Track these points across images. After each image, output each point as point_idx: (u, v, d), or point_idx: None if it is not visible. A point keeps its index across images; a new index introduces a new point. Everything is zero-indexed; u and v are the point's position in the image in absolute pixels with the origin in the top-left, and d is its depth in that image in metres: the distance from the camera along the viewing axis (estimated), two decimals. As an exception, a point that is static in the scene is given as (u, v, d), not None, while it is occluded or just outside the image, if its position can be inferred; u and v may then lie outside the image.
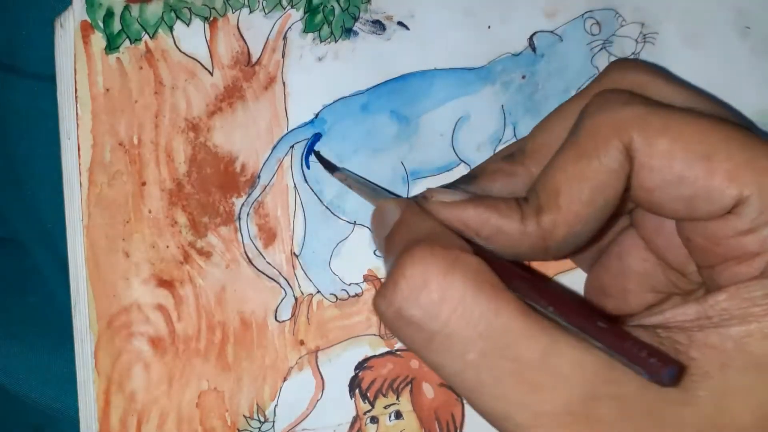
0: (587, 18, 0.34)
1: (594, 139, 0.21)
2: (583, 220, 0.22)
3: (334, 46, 0.33)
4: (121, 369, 0.31)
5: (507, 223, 0.22)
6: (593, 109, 0.22)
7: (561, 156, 0.22)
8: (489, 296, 0.20)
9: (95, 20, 0.31)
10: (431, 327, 0.20)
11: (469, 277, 0.20)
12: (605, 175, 0.21)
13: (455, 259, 0.21)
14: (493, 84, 0.33)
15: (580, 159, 0.22)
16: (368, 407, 0.32)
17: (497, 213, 0.23)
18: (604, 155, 0.21)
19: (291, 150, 0.32)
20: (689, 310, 0.21)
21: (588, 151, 0.21)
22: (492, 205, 0.23)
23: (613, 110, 0.21)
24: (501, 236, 0.23)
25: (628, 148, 0.21)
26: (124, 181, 0.31)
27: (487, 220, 0.23)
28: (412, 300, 0.20)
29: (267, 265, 0.32)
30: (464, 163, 0.33)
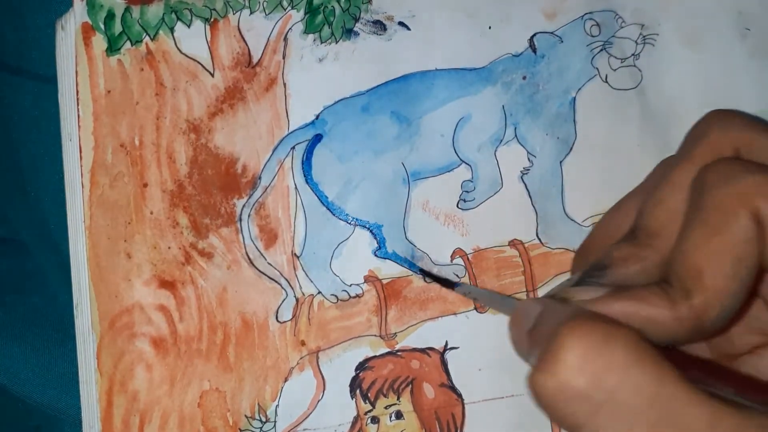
0: (587, 19, 0.34)
1: (722, 213, 0.22)
2: (731, 294, 0.22)
3: (335, 47, 0.33)
4: (123, 369, 0.31)
5: (658, 312, 0.22)
6: (713, 182, 0.22)
7: (692, 234, 0.22)
8: (652, 364, 0.20)
9: (96, 22, 0.31)
10: (597, 397, 0.20)
11: (630, 346, 0.20)
12: (742, 246, 0.21)
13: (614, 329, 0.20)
14: (494, 85, 0.33)
15: (713, 235, 0.22)
16: (369, 407, 0.32)
17: (645, 303, 0.22)
18: (737, 228, 0.21)
19: (292, 151, 0.32)
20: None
21: (719, 226, 0.22)
22: (638, 297, 0.23)
23: (734, 181, 0.22)
24: (654, 326, 0.22)
25: (756, 216, 0.21)
26: (126, 183, 0.31)
27: (637, 312, 0.22)
28: (577, 369, 0.20)
29: (268, 266, 0.32)
30: (465, 163, 0.33)
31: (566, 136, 0.33)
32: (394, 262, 0.33)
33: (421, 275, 0.32)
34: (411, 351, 0.32)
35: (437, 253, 0.33)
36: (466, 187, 0.33)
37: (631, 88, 0.34)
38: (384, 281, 0.32)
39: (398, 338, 0.32)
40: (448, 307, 0.33)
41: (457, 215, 0.33)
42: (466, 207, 0.33)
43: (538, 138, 0.33)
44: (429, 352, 0.33)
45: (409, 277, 0.33)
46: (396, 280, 0.33)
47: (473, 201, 0.33)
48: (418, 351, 0.33)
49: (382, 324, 0.32)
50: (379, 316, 0.32)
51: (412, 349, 0.33)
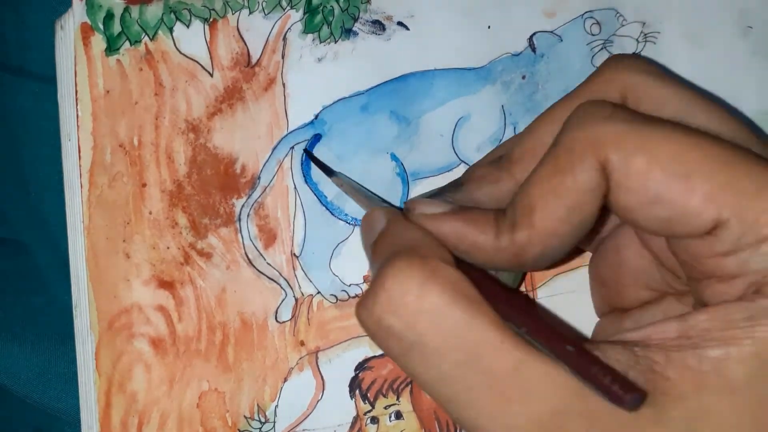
0: (587, 18, 0.34)
1: (570, 155, 0.21)
2: (558, 237, 0.22)
3: (334, 47, 0.33)
4: (122, 370, 0.31)
5: (483, 238, 0.22)
6: (573, 123, 0.22)
7: (538, 171, 0.22)
8: (464, 308, 0.21)
9: (95, 22, 0.31)
10: (408, 338, 0.21)
11: (446, 289, 0.21)
12: (581, 194, 0.21)
13: (433, 271, 0.21)
14: (493, 84, 0.33)
15: (555, 175, 0.21)
16: (368, 408, 0.32)
17: (473, 228, 0.23)
18: (580, 174, 0.21)
19: (291, 151, 0.32)
20: (670, 327, 0.21)
21: (563, 168, 0.21)
22: (469, 219, 0.23)
23: (591, 126, 0.21)
24: (477, 251, 0.23)
25: (604, 166, 0.21)
26: (125, 183, 0.31)
27: (465, 234, 0.23)
28: (391, 311, 0.21)
29: (267, 266, 0.32)
30: (464, 163, 0.33)
31: (566, 135, 0.33)
32: (394, 262, 0.32)
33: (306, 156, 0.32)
34: (410, 351, 0.32)
35: (437, 253, 0.33)
36: (466, 187, 0.33)
37: (632, 87, 0.34)
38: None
39: (398, 338, 0.32)
40: (448, 308, 0.33)
41: (457, 215, 0.33)
42: (466, 207, 0.33)
43: (538, 137, 0.33)
44: (428, 352, 0.32)
45: (408, 277, 0.33)
46: (395, 280, 0.32)
47: None
48: (418, 351, 0.32)
49: (380, 325, 0.32)
50: (378, 317, 0.32)
51: (412, 349, 0.32)
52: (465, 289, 0.21)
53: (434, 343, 0.20)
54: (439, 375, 0.21)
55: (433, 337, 0.20)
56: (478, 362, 0.20)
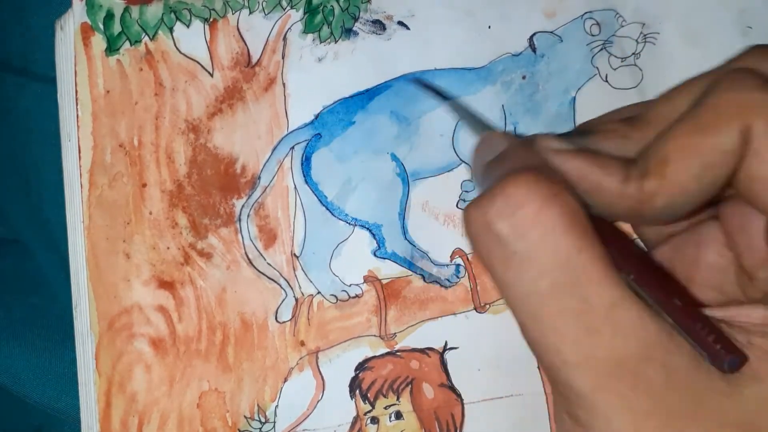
0: (587, 18, 0.34)
1: (715, 116, 0.21)
2: (686, 193, 0.21)
3: (334, 47, 0.33)
4: (122, 370, 0.31)
5: (609, 180, 0.22)
6: (722, 85, 0.22)
7: (678, 126, 0.22)
8: (577, 236, 0.21)
9: (95, 22, 0.31)
10: (515, 246, 0.21)
11: (566, 212, 0.21)
12: (719, 154, 0.21)
13: (557, 193, 0.21)
14: (494, 84, 0.33)
15: (696, 133, 0.21)
16: (368, 408, 0.32)
17: (601, 168, 0.22)
18: (722, 134, 0.21)
19: (291, 151, 0.32)
20: (756, 312, 0.21)
21: (706, 127, 0.21)
22: (598, 160, 0.23)
23: (741, 90, 0.21)
24: (600, 192, 0.22)
25: (746, 131, 0.21)
26: (125, 183, 0.31)
27: (590, 173, 0.22)
28: (506, 215, 0.21)
29: (267, 266, 0.32)
30: (465, 163, 0.33)
31: (566, 135, 0.33)
32: (394, 262, 0.33)
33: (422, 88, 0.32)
34: (410, 351, 0.32)
35: (437, 252, 0.33)
36: (466, 187, 0.33)
37: (632, 88, 0.34)
38: (383, 281, 0.32)
39: (398, 338, 0.32)
40: (448, 307, 0.33)
41: (457, 215, 0.33)
42: (466, 207, 0.33)
43: (538, 137, 0.33)
44: (428, 352, 0.33)
45: (408, 277, 0.33)
46: (395, 281, 0.32)
47: None
48: (418, 351, 0.32)
49: (382, 324, 0.32)
50: (378, 317, 0.32)
51: (412, 349, 0.32)
52: (582, 218, 0.21)
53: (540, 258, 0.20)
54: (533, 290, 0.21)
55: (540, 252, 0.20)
56: (577, 288, 0.20)
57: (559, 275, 0.20)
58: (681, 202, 0.22)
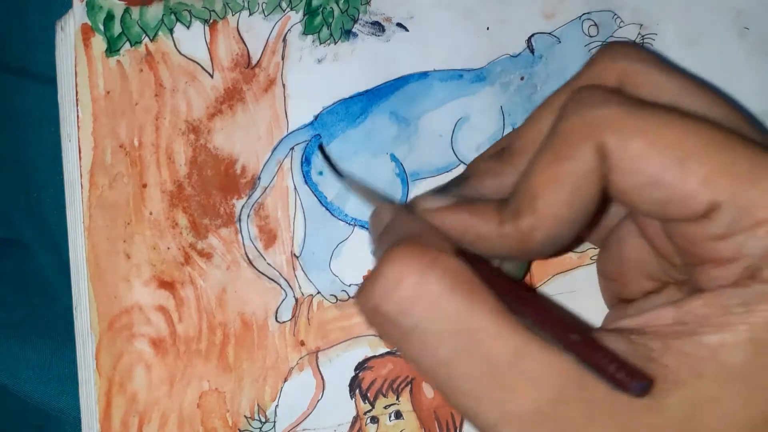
0: (585, 19, 0.34)
1: (568, 142, 0.21)
2: (562, 222, 0.22)
3: (334, 48, 0.33)
4: (122, 370, 0.31)
5: (486, 226, 0.23)
6: (569, 109, 0.22)
7: (537, 159, 0.22)
8: (464, 295, 0.21)
9: (96, 23, 0.31)
10: (405, 323, 0.21)
11: (446, 276, 0.21)
12: (580, 177, 0.21)
13: (433, 259, 0.21)
14: (492, 85, 0.33)
15: (554, 162, 0.21)
16: (368, 407, 0.32)
17: (477, 218, 0.23)
18: (579, 158, 0.21)
19: (291, 152, 0.32)
20: (666, 314, 0.21)
21: (562, 154, 0.21)
22: (472, 210, 0.23)
23: (587, 111, 0.21)
24: (481, 240, 0.23)
25: (601, 150, 0.21)
26: (125, 183, 0.31)
27: (468, 224, 0.23)
28: (387, 296, 0.21)
29: (267, 266, 0.32)
30: (463, 164, 0.33)
31: (565, 136, 0.34)
32: (393, 262, 0.33)
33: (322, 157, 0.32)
34: (410, 351, 0.33)
35: (436, 253, 0.33)
36: (465, 188, 0.33)
37: (630, 88, 0.34)
38: (379, 281, 0.32)
39: (397, 338, 0.32)
40: (447, 307, 0.33)
41: (456, 215, 0.33)
42: (465, 207, 0.33)
43: (537, 138, 0.33)
44: (428, 352, 0.33)
45: (408, 278, 0.33)
46: (395, 281, 0.33)
47: None
48: (418, 351, 0.33)
49: (378, 323, 0.32)
50: (378, 317, 0.32)
51: (412, 349, 0.33)
52: (465, 276, 0.21)
53: (432, 329, 0.20)
54: (436, 361, 0.21)
55: (431, 323, 0.20)
56: (477, 348, 0.20)
57: (456, 341, 0.20)
58: (560, 230, 0.22)
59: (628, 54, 0.24)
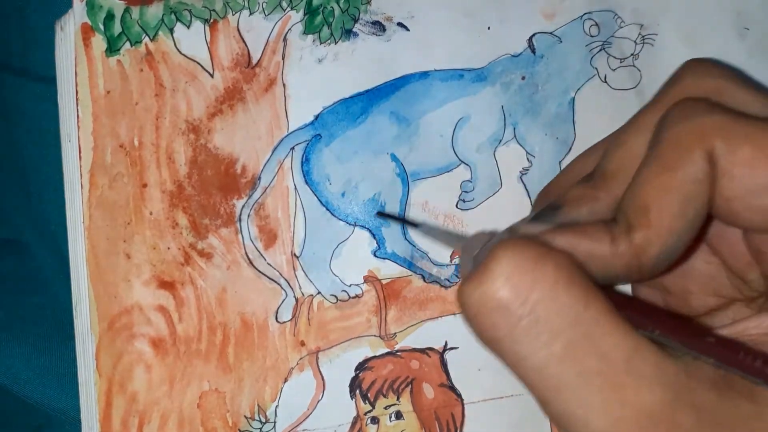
0: (586, 19, 0.34)
1: (677, 150, 0.21)
2: (676, 233, 0.21)
3: (334, 48, 0.33)
4: (122, 370, 0.31)
5: (598, 246, 0.22)
6: (673, 119, 0.22)
7: (645, 171, 0.22)
8: (581, 289, 0.20)
9: (96, 23, 0.31)
10: (519, 311, 0.20)
11: (561, 267, 0.20)
12: (692, 185, 0.21)
13: (548, 252, 0.20)
14: (493, 85, 0.33)
15: (664, 171, 0.21)
16: (369, 408, 0.32)
17: (587, 238, 0.22)
18: (689, 165, 0.21)
19: (291, 151, 0.32)
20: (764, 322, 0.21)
21: (672, 163, 0.21)
22: (580, 231, 0.22)
23: (694, 119, 0.21)
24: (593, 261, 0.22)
25: (711, 156, 0.21)
26: (125, 183, 0.31)
27: (577, 246, 0.22)
28: (502, 281, 0.20)
29: (267, 266, 0.32)
30: (464, 164, 0.33)
31: (565, 136, 0.34)
32: (394, 262, 0.33)
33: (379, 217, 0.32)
34: (410, 351, 0.32)
35: (437, 253, 0.33)
36: (466, 188, 0.33)
37: (631, 88, 0.34)
38: (383, 281, 0.32)
39: (398, 338, 0.32)
40: (448, 307, 0.33)
41: (457, 215, 0.33)
42: (466, 207, 0.33)
43: (537, 138, 0.33)
44: (428, 352, 0.33)
45: (408, 278, 0.33)
46: (395, 281, 0.33)
47: (472, 201, 0.33)
48: (418, 351, 0.33)
49: (382, 324, 0.32)
50: (378, 317, 0.32)
51: (412, 349, 0.33)
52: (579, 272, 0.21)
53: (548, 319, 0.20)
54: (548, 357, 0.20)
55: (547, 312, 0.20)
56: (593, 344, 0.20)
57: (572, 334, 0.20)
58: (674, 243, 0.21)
59: (713, 72, 0.24)
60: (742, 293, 0.26)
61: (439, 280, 0.33)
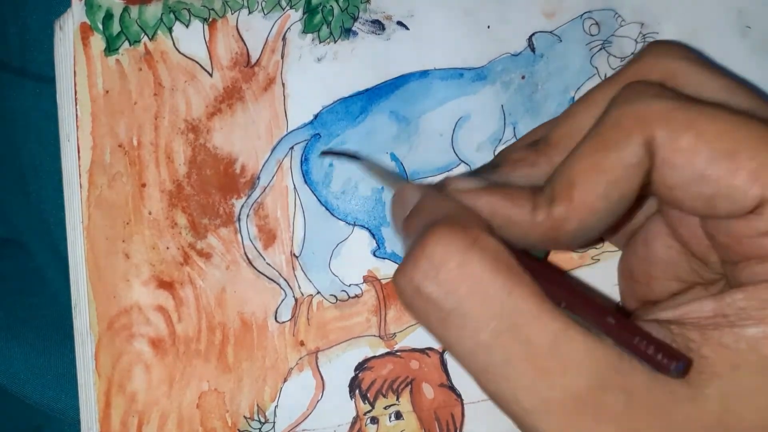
0: (586, 18, 0.34)
1: (616, 132, 0.21)
2: (597, 213, 0.21)
3: (334, 47, 0.33)
4: (121, 370, 0.31)
5: (518, 211, 0.22)
6: (620, 100, 0.22)
7: (581, 146, 0.22)
8: (505, 277, 0.20)
9: (94, 22, 0.31)
10: (447, 304, 0.20)
11: (487, 257, 0.21)
12: (623, 169, 0.21)
13: (475, 239, 0.21)
14: (493, 84, 0.33)
15: (598, 151, 0.21)
16: (368, 408, 0.32)
17: (510, 202, 0.22)
18: (624, 149, 0.21)
19: (291, 151, 0.32)
20: (706, 306, 0.21)
21: (608, 144, 0.21)
22: (506, 194, 0.23)
23: (639, 103, 0.21)
24: (512, 225, 0.22)
25: (650, 143, 0.21)
26: (124, 183, 0.31)
27: (500, 208, 0.22)
28: (431, 277, 0.21)
29: (267, 266, 0.32)
30: (464, 163, 0.33)
31: (566, 135, 0.33)
32: (394, 262, 0.33)
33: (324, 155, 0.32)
34: (410, 351, 0.32)
35: (436, 252, 0.33)
36: (466, 187, 0.33)
37: (631, 87, 0.34)
38: (383, 281, 0.32)
39: (397, 338, 0.32)
40: (448, 307, 0.33)
41: (457, 215, 0.33)
42: (466, 207, 0.33)
43: (538, 137, 0.33)
44: (428, 352, 0.33)
45: (408, 277, 0.33)
46: (395, 280, 0.32)
47: None
48: (418, 351, 0.32)
49: (382, 324, 0.32)
50: (378, 317, 0.32)
51: (412, 349, 0.32)
52: (505, 257, 0.21)
53: (474, 311, 0.20)
54: (476, 345, 0.20)
55: (473, 305, 0.20)
56: (518, 332, 0.20)
57: (497, 324, 0.20)
58: (592, 222, 0.22)
59: (672, 52, 0.24)
60: (702, 277, 0.26)
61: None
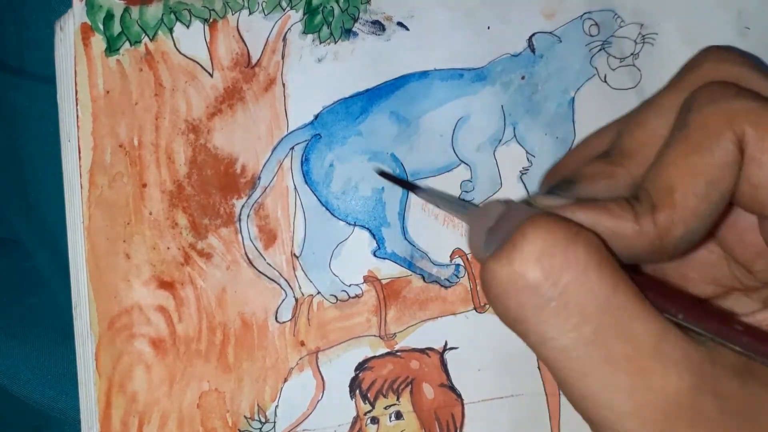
0: (586, 19, 0.34)
1: (706, 132, 0.21)
2: (700, 216, 0.21)
3: (334, 47, 0.33)
4: (122, 370, 0.31)
5: (621, 224, 0.21)
6: (702, 101, 0.21)
7: (671, 151, 0.21)
8: (611, 271, 0.20)
9: (95, 22, 0.31)
10: (549, 293, 0.19)
11: (592, 249, 0.20)
12: (719, 168, 0.21)
13: (578, 231, 0.20)
14: (493, 84, 0.33)
15: (692, 153, 0.21)
16: (368, 408, 0.32)
17: (609, 214, 0.21)
18: (718, 148, 0.20)
19: (291, 151, 0.32)
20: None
21: (700, 145, 0.21)
22: (604, 207, 0.22)
23: (723, 102, 0.21)
24: (615, 239, 0.21)
25: (740, 141, 0.20)
26: (125, 183, 0.31)
27: (599, 222, 0.21)
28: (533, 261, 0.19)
29: (267, 266, 0.32)
30: (464, 163, 0.33)
31: (565, 135, 0.33)
32: (394, 262, 0.33)
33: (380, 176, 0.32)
34: (410, 351, 0.32)
35: (437, 253, 0.33)
36: (466, 188, 0.33)
37: (631, 88, 0.34)
38: (383, 281, 0.32)
39: (398, 338, 0.32)
40: (448, 308, 0.33)
41: (457, 215, 0.33)
42: (466, 207, 0.33)
43: (537, 138, 0.33)
44: (428, 352, 0.33)
45: (408, 278, 0.33)
46: (395, 281, 0.33)
47: (472, 201, 0.33)
48: (418, 351, 0.33)
49: (382, 324, 0.32)
50: (378, 317, 0.32)
51: (412, 349, 0.32)
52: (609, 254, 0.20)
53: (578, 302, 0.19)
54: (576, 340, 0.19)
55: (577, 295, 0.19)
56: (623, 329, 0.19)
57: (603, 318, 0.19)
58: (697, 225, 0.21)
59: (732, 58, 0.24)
60: (742, 283, 0.26)
61: (439, 280, 0.33)
